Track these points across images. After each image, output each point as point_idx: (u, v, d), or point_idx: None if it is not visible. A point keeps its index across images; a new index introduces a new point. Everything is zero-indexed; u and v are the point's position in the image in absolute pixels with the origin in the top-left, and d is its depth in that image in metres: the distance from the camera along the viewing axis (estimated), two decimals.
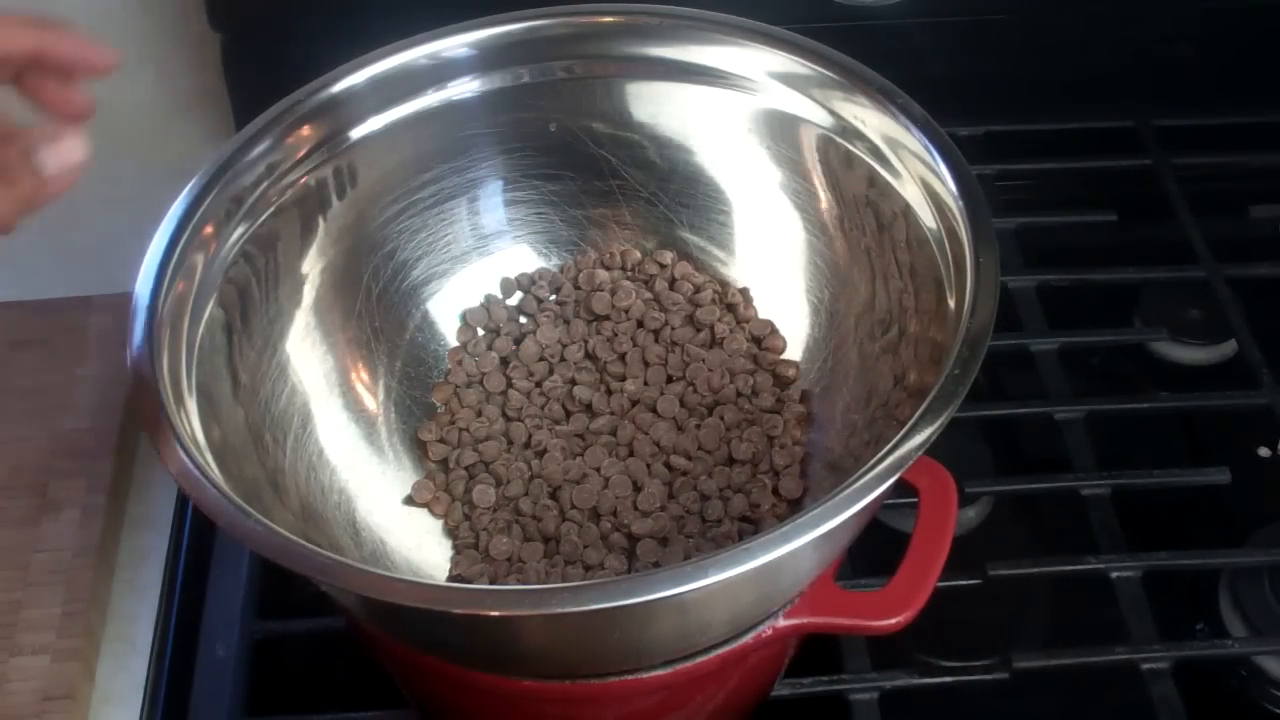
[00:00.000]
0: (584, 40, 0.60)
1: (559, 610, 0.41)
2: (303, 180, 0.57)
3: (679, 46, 0.59)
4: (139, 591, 0.66)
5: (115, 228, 0.63)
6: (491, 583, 0.55)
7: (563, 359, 0.62)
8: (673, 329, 0.62)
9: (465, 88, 0.60)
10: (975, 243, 0.50)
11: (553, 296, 0.63)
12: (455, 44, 0.59)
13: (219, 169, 0.54)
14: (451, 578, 0.57)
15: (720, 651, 0.48)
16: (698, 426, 0.59)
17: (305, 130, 0.57)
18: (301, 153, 0.57)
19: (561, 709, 0.50)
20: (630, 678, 0.48)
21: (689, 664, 0.48)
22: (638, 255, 0.63)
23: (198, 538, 0.66)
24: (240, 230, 0.54)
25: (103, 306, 0.74)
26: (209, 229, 0.53)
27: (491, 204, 0.63)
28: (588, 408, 0.60)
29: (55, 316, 0.75)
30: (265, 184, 0.55)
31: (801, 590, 0.49)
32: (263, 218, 0.55)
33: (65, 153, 0.48)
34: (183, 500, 0.67)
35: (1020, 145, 0.82)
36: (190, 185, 0.53)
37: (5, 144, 0.47)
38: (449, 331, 0.63)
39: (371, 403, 0.60)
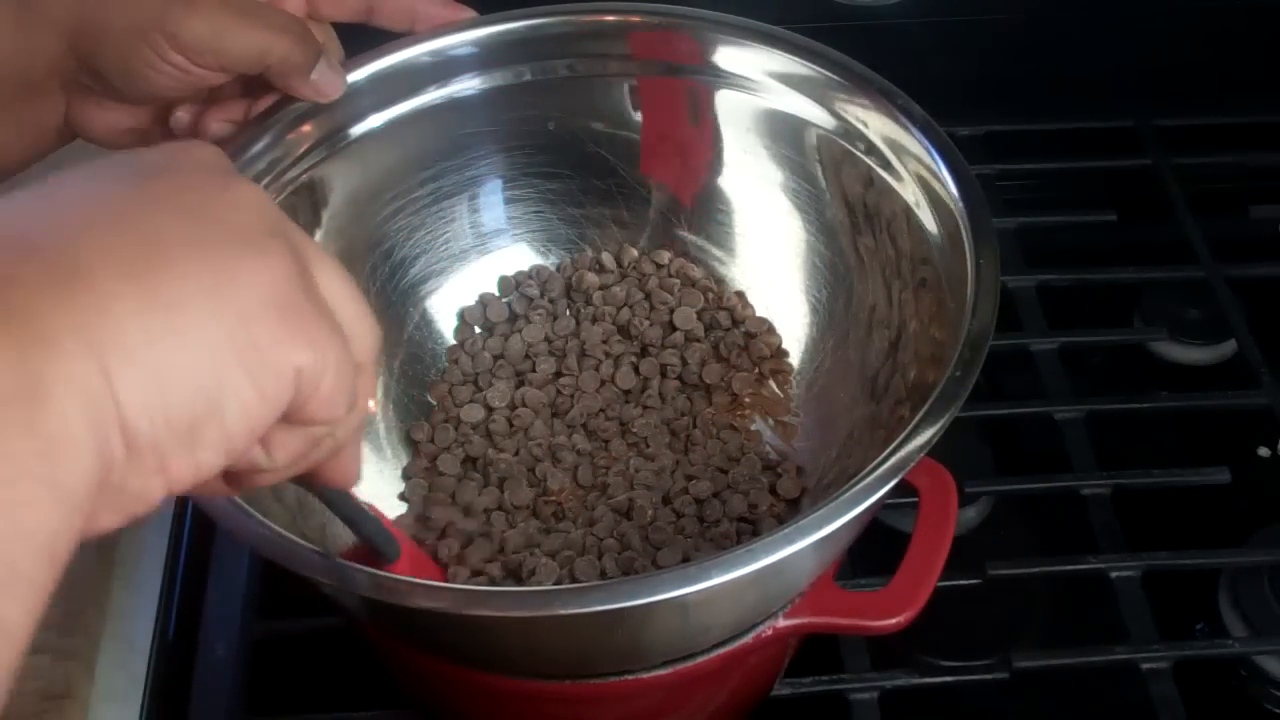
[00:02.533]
0: (585, 39, 0.60)
1: (560, 612, 0.41)
2: (302, 177, 0.57)
3: (680, 46, 0.59)
4: (139, 590, 0.65)
5: None
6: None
7: (551, 355, 0.61)
8: (665, 327, 0.62)
9: (466, 86, 0.60)
10: (975, 243, 0.50)
11: (543, 295, 0.63)
12: (456, 42, 0.59)
13: None
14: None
15: (720, 651, 0.48)
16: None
17: (305, 127, 0.56)
18: (301, 149, 0.57)
19: (561, 708, 0.50)
20: (630, 677, 0.48)
21: (689, 664, 0.48)
22: (634, 253, 0.63)
23: (198, 537, 0.66)
24: None
25: None
26: None
27: (490, 202, 0.63)
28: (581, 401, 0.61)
29: None
30: (265, 181, 0.55)
31: (802, 590, 0.49)
32: None
33: (329, 79, 0.54)
34: (182, 499, 0.67)
35: (1020, 145, 0.82)
36: None
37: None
38: (447, 330, 0.63)
39: (370, 400, 0.60)
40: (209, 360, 0.30)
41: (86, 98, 0.53)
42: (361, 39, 0.58)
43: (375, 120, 0.59)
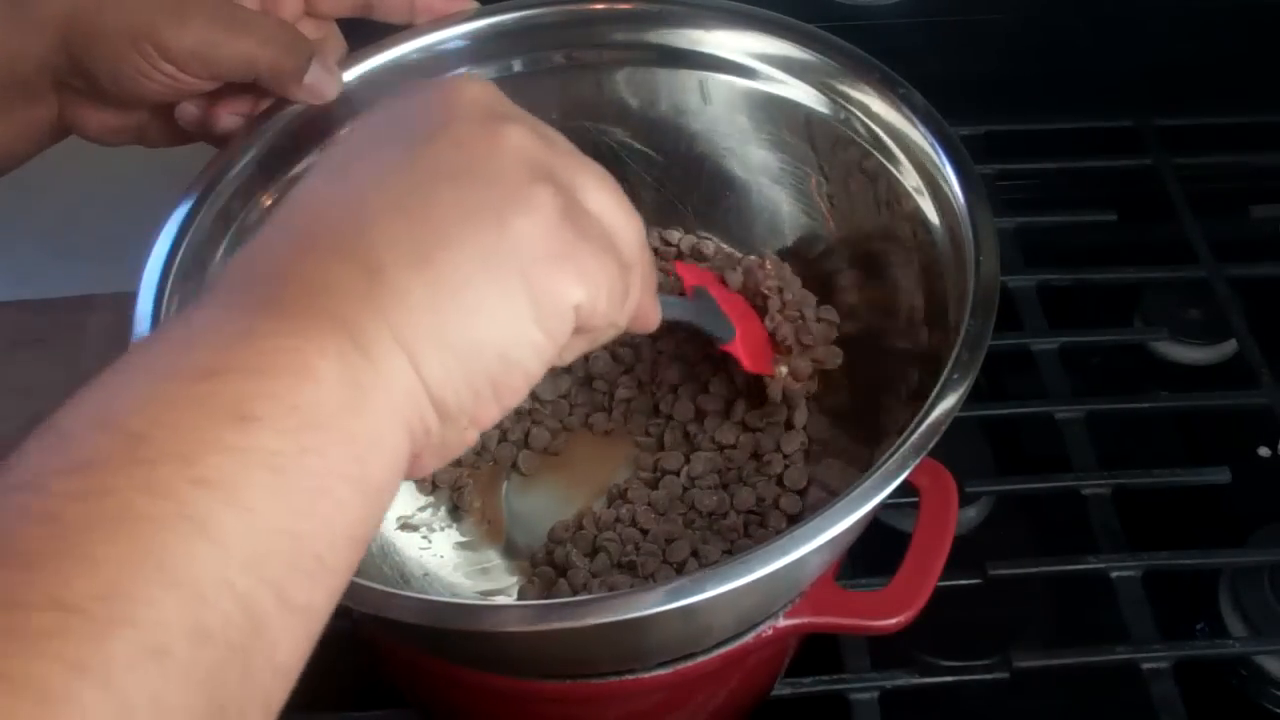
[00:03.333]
0: (578, 28, 0.60)
1: (556, 626, 0.41)
2: (301, 177, 0.57)
3: (676, 32, 0.59)
4: None
5: (115, 227, 0.63)
6: None
7: None
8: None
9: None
10: (976, 238, 0.50)
11: None
12: (447, 36, 0.59)
13: (218, 170, 0.54)
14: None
15: (721, 651, 0.48)
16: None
17: (299, 128, 0.56)
18: (299, 152, 0.56)
19: (562, 709, 0.50)
20: (630, 678, 0.48)
21: (689, 664, 0.48)
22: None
23: None
24: (241, 231, 0.54)
25: (103, 305, 0.74)
26: (209, 232, 0.53)
27: None
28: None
29: (55, 316, 0.75)
30: (265, 184, 0.55)
31: (803, 590, 0.49)
32: (263, 218, 0.55)
33: (324, 81, 0.53)
34: None
35: (1020, 145, 0.82)
36: (188, 189, 0.53)
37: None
38: None
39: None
40: (499, 326, 0.34)
41: (78, 98, 0.53)
42: (359, 41, 0.58)
43: None
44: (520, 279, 0.34)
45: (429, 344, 0.33)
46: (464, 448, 0.36)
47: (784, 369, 0.57)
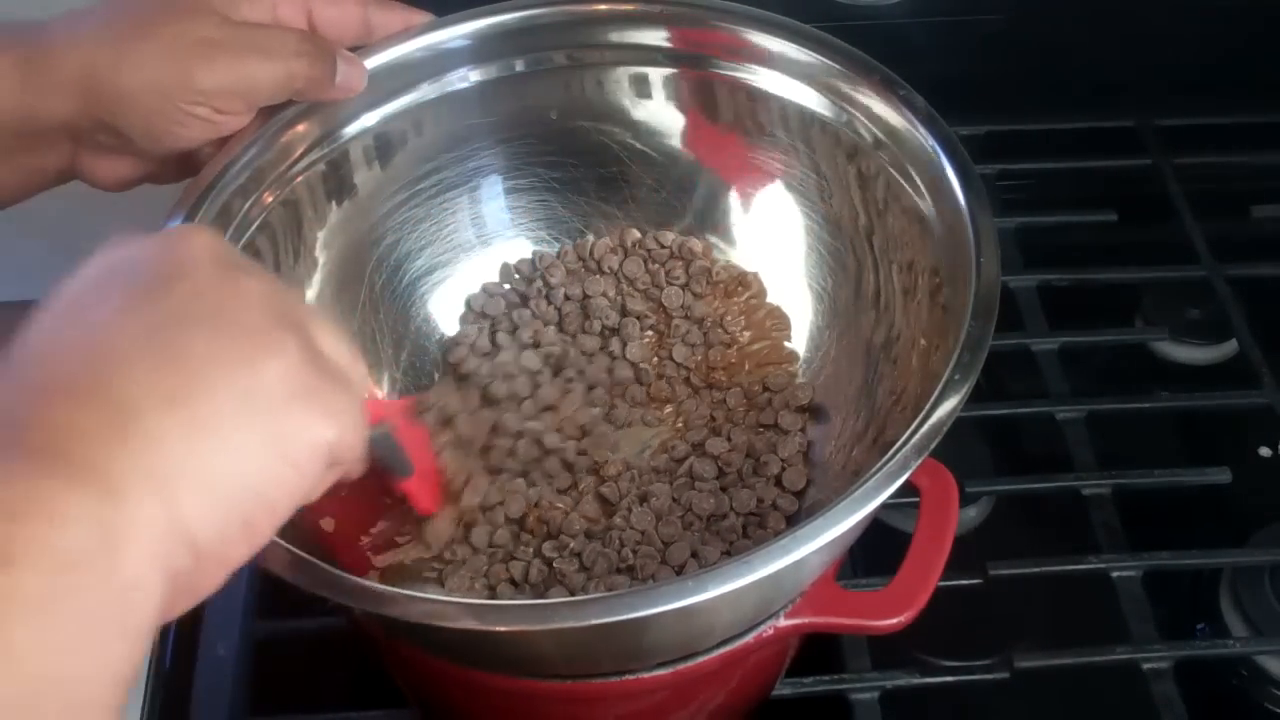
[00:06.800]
0: (579, 28, 0.60)
1: (558, 626, 0.41)
2: (301, 177, 0.57)
3: (677, 32, 0.59)
4: None
5: (115, 227, 0.63)
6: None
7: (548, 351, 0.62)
8: (672, 312, 0.62)
9: (462, 79, 0.60)
10: (976, 241, 0.50)
11: (544, 281, 0.63)
12: (450, 35, 0.59)
13: (219, 168, 0.54)
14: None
15: (721, 651, 0.48)
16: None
17: (301, 127, 0.56)
18: (300, 149, 0.57)
19: (562, 708, 0.50)
20: (631, 677, 0.48)
21: (690, 664, 0.48)
22: (636, 234, 0.63)
23: None
24: (242, 228, 0.54)
25: None
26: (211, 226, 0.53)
27: (493, 192, 0.63)
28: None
29: None
30: (266, 181, 0.55)
31: (803, 590, 0.49)
32: (264, 216, 0.55)
33: (352, 75, 0.54)
34: None
35: (1020, 145, 0.82)
36: (190, 185, 0.53)
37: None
38: (453, 321, 0.63)
39: (377, 395, 0.59)
40: (253, 462, 0.35)
41: (99, 151, 0.52)
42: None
43: (371, 117, 0.59)
44: (272, 417, 0.35)
45: (185, 485, 0.33)
46: (211, 590, 0.36)
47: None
